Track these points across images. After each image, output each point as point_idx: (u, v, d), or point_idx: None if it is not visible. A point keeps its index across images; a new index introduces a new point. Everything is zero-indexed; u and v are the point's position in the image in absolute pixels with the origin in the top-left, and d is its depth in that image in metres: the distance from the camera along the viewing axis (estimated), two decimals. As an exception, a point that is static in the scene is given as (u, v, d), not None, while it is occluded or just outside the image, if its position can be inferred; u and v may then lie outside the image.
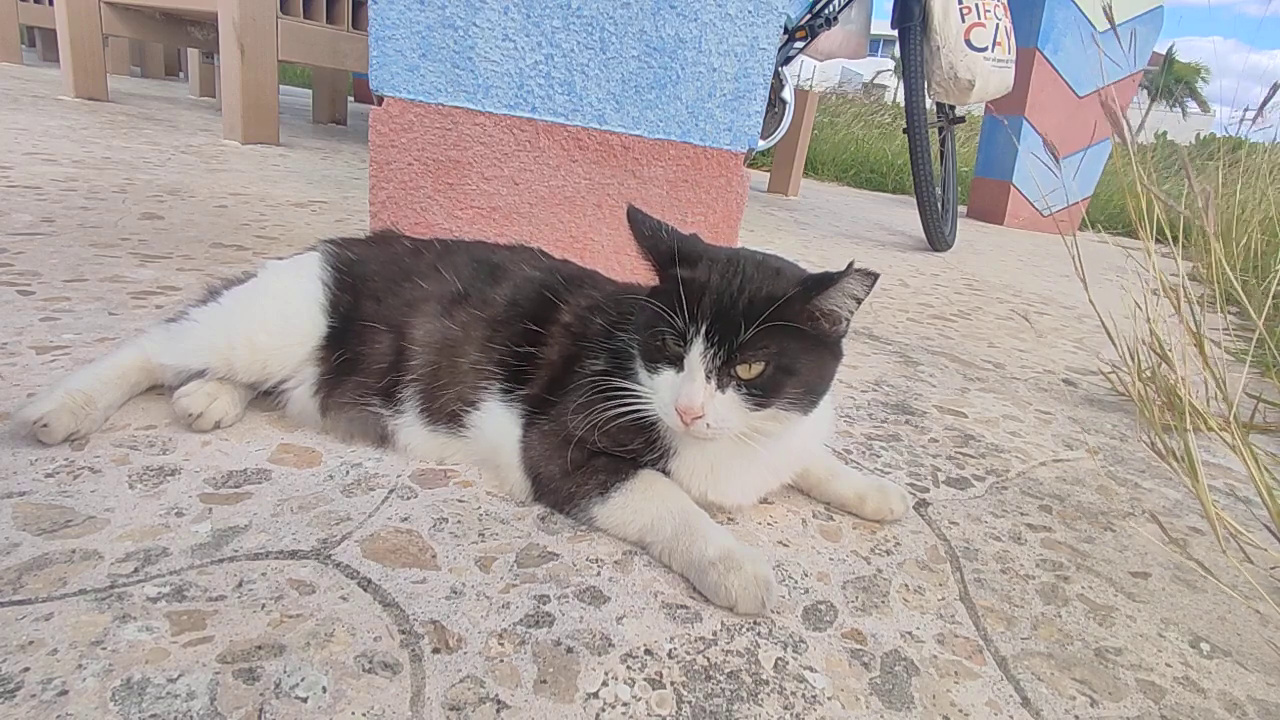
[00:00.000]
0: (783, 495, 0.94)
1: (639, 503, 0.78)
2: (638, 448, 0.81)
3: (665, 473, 0.82)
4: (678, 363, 0.73)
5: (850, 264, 0.70)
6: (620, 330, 0.84)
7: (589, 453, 0.81)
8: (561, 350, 0.87)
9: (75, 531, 0.67)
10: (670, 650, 0.64)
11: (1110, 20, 1.02)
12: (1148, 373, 1.32)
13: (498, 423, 0.85)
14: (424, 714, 0.53)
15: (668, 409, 0.73)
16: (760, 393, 0.72)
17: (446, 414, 0.88)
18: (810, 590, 0.76)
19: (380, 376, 0.89)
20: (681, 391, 0.71)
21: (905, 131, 3.19)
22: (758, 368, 0.71)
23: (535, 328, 0.88)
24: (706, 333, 0.71)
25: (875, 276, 0.70)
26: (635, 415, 0.77)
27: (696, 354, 0.71)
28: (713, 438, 0.74)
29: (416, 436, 0.89)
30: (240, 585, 0.63)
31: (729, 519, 0.87)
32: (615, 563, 0.75)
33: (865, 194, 6.29)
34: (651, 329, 0.75)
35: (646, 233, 0.78)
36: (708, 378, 0.71)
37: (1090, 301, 1.27)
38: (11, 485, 0.72)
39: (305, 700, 0.53)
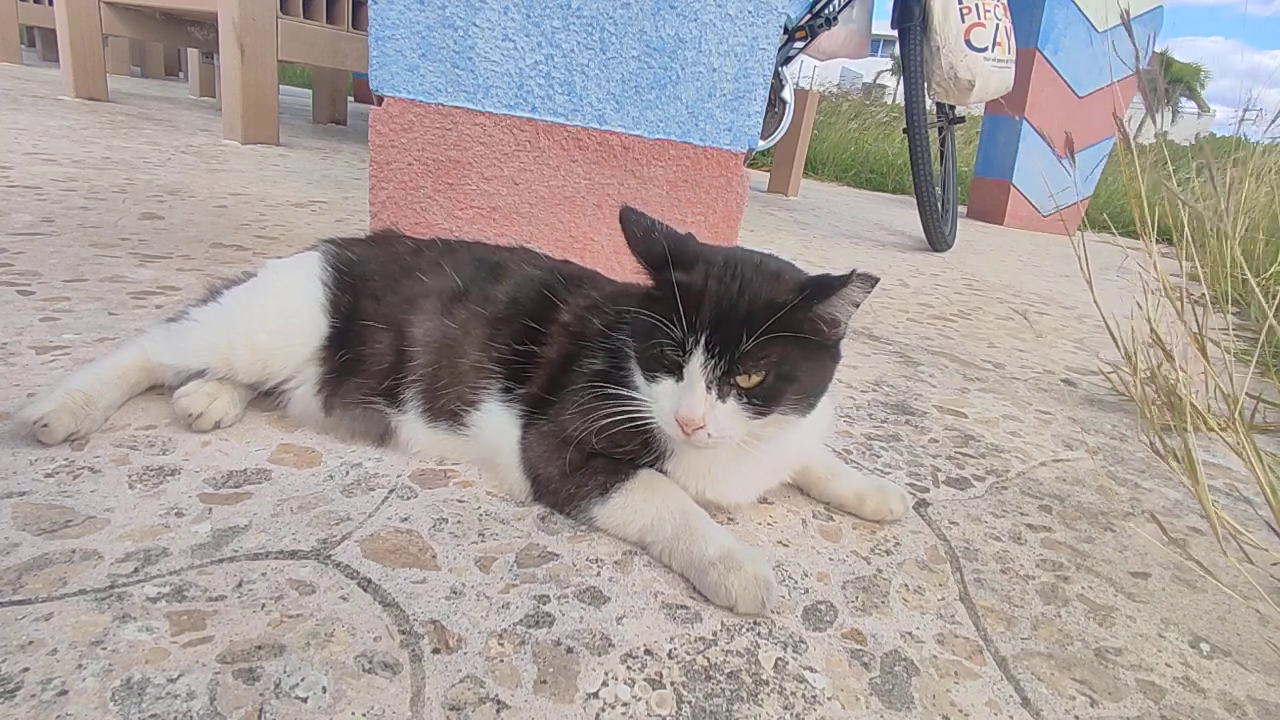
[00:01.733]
0: (782, 495, 0.94)
1: (638, 503, 0.78)
2: (635, 449, 0.81)
3: (663, 473, 0.82)
4: (676, 371, 0.72)
5: (853, 270, 0.69)
6: (618, 330, 0.84)
7: (587, 454, 0.81)
8: (560, 350, 0.86)
9: (75, 531, 0.67)
10: (670, 650, 0.64)
11: (1127, 30, 1.01)
12: (1147, 373, 1.32)
13: (497, 423, 0.85)
14: (424, 714, 0.53)
15: (667, 418, 0.72)
16: (760, 401, 0.72)
17: (447, 412, 0.88)
18: (810, 590, 0.76)
19: (383, 377, 0.89)
20: (681, 402, 0.70)
21: (905, 131, 3.19)
22: (758, 377, 0.71)
23: (535, 326, 0.88)
24: (706, 343, 0.69)
25: (875, 281, 0.69)
26: (632, 421, 0.76)
27: (696, 364, 0.70)
28: (713, 446, 0.73)
29: (418, 434, 0.89)
30: (240, 585, 0.63)
31: (729, 519, 0.87)
32: (615, 563, 0.75)
33: (865, 194, 6.29)
34: (649, 338, 0.73)
35: (639, 234, 0.76)
36: (708, 388, 0.70)
37: (1095, 302, 1.28)
38: (11, 485, 0.72)
39: (305, 700, 0.53)
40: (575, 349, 0.86)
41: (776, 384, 0.71)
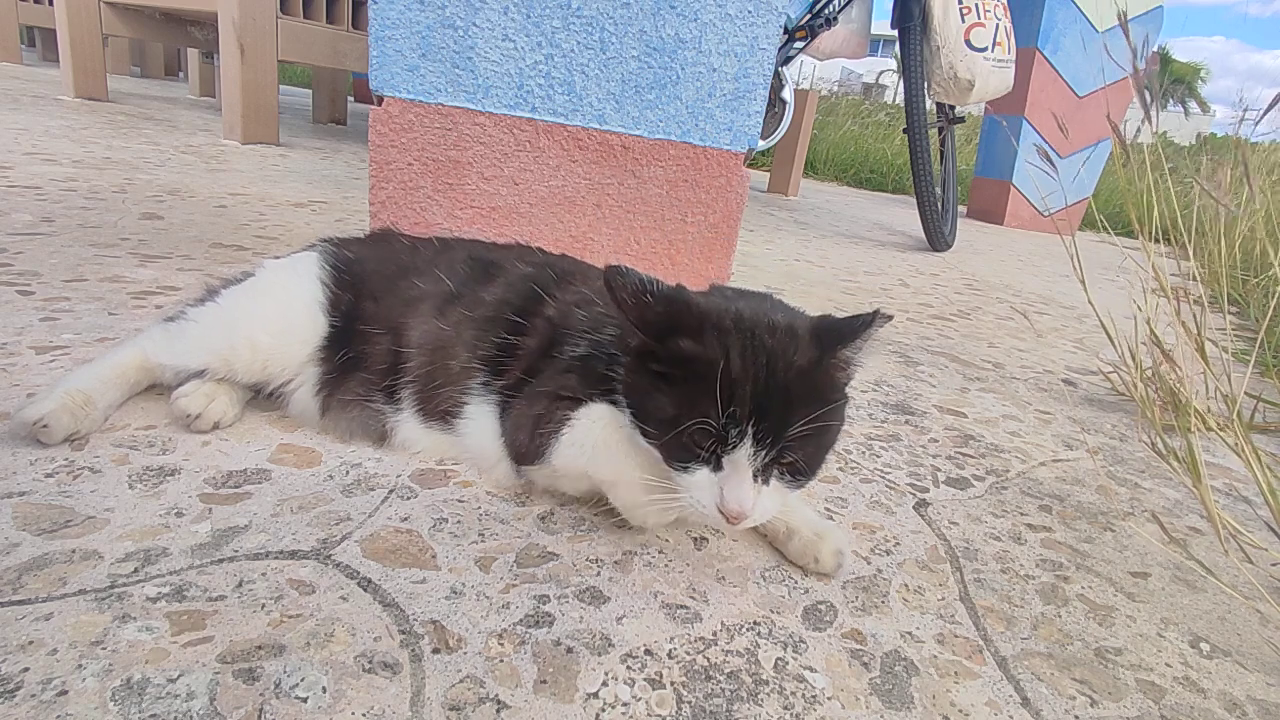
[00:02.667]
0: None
1: (581, 436, 0.76)
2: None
3: None
4: (713, 461, 0.67)
5: (876, 311, 0.68)
6: (603, 329, 0.81)
7: (550, 406, 0.79)
8: (541, 340, 0.85)
9: (75, 531, 0.67)
10: (670, 650, 0.64)
11: (1124, 29, 1.01)
12: (1148, 373, 1.32)
13: (486, 421, 0.85)
14: (424, 714, 0.53)
15: (708, 508, 0.67)
16: (802, 475, 0.69)
17: (440, 412, 0.88)
18: (810, 590, 0.76)
19: (382, 376, 0.90)
20: (728, 497, 0.65)
21: (905, 131, 3.19)
22: (799, 453, 0.67)
23: (520, 320, 0.87)
24: (754, 434, 0.64)
25: (890, 318, 0.68)
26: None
27: (743, 456, 0.65)
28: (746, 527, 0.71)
29: (415, 434, 0.89)
30: (240, 585, 0.63)
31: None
32: (615, 563, 0.75)
33: (865, 194, 6.30)
34: (673, 425, 0.66)
35: (629, 300, 0.66)
36: (754, 477, 0.66)
37: (1090, 302, 1.28)
38: (11, 485, 0.72)
39: (305, 700, 0.53)
40: (556, 338, 0.84)
41: (815, 454, 0.69)
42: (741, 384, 0.64)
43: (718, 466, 0.66)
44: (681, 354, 0.66)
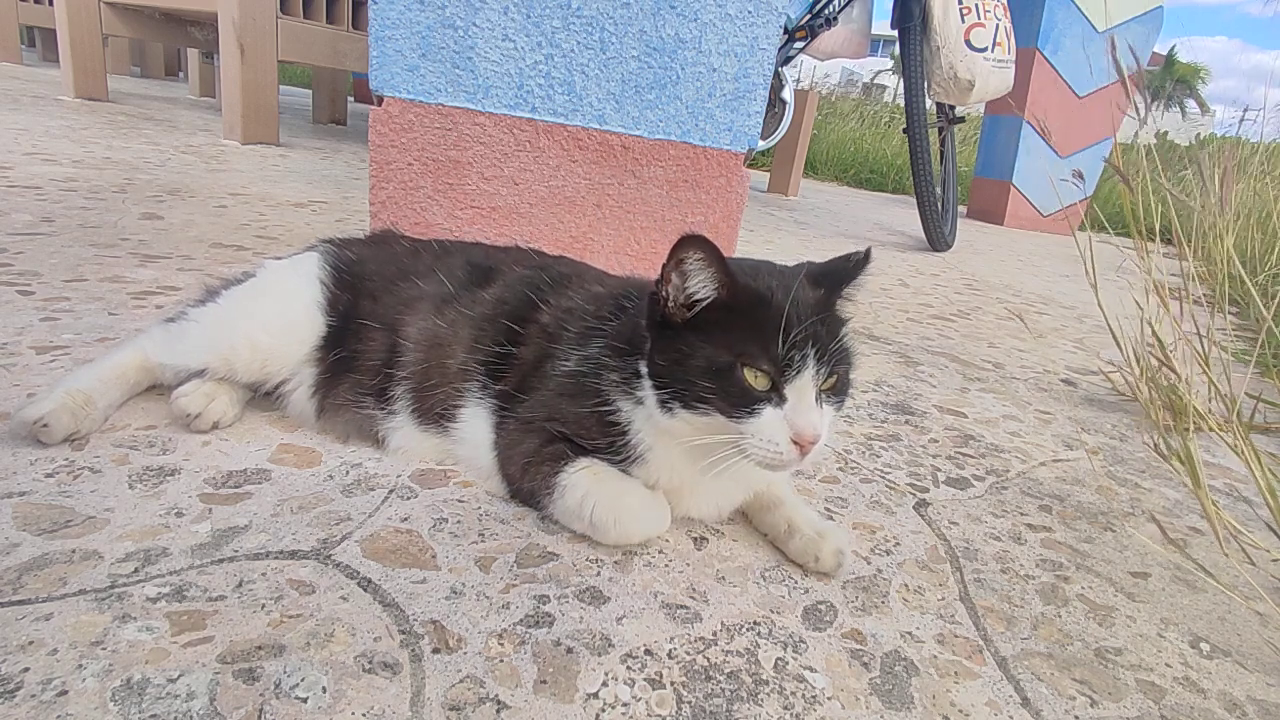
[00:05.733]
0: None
1: (579, 479, 0.77)
2: (603, 447, 0.79)
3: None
4: (773, 397, 0.69)
5: (868, 249, 0.76)
6: (599, 335, 0.82)
7: (542, 443, 0.79)
8: (536, 351, 0.85)
9: (75, 531, 0.67)
10: (670, 650, 0.64)
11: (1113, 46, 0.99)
12: (1148, 373, 1.32)
13: (478, 429, 0.85)
14: (424, 714, 0.53)
15: (781, 443, 0.68)
16: (844, 394, 0.74)
17: (436, 415, 0.88)
18: (810, 590, 0.76)
19: (374, 374, 0.89)
20: (800, 423, 0.68)
21: (905, 131, 3.19)
22: (842, 368, 0.72)
23: (515, 327, 0.87)
24: (815, 354, 0.68)
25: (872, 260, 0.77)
26: (605, 420, 0.77)
27: (808, 379, 0.68)
28: (808, 463, 0.75)
29: (410, 438, 0.89)
30: (240, 585, 0.63)
31: (729, 521, 0.87)
32: (615, 563, 0.75)
33: (864, 194, 6.30)
34: (729, 373, 0.69)
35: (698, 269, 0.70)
36: (817, 400, 0.70)
37: (1099, 305, 1.27)
38: (11, 485, 0.72)
39: (305, 700, 0.53)
40: (550, 350, 0.84)
41: (848, 372, 0.74)
42: (792, 314, 0.69)
43: (780, 401, 0.69)
44: (726, 303, 0.70)
